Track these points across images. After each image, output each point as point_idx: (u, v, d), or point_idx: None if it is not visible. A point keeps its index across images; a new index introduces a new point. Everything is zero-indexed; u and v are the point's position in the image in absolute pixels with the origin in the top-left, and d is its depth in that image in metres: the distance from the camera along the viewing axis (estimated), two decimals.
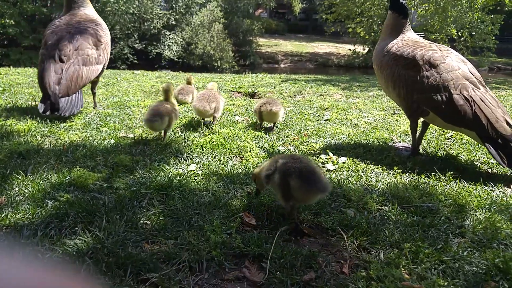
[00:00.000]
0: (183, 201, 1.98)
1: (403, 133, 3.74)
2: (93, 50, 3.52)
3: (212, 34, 22.44)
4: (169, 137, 3.11)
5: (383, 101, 5.52)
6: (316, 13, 35.33)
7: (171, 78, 7.11)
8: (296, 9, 30.03)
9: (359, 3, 23.17)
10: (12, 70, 6.69)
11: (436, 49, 2.87)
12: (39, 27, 22.77)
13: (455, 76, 2.68)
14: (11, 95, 4.48)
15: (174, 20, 22.45)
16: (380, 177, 2.53)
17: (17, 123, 3.21)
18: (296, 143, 3.18)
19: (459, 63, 2.78)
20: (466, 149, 3.24)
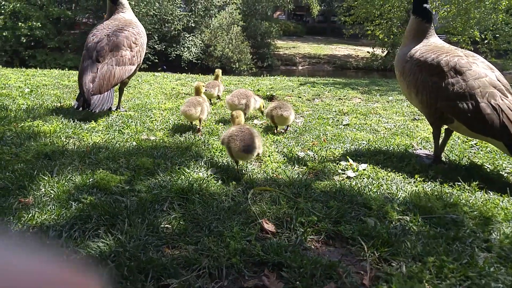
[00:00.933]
0: (203, 206, 1.99)
1: (424, 139, 3.68)
2: (127, 51, 3.71)
3: (231, 36, 22.56)
4: (189, 141, 3.14)
5: (403, 106, 5.44)
6: (334, 15, 35.13)
7: (191, 80, 7.17)
8: (314, 12, 29.88)
9: (378, 5, 22.90)
10: (38, 72, 6.88)
11: (462, 55, 2.80)
12: (63, 29, 23.39)
13: (482, 84, 2.60)
14: (37, 96, 4.61)
15: (194, 22, 22.66)
16: (401, 185, 2.50)
17: (43, 124, 3.30)
18: (315, 149, 3.16)
19: (486, 70, 2.71)
20: (491, 158, 3.16)
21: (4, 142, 2.74)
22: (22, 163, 2.37)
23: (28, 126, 3.20)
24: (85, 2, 23.96)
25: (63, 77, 6.36)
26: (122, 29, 3.77)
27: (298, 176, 2.53)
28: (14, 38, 19.98)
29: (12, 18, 20.13)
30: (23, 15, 20.19)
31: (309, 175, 2.60)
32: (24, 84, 5.40)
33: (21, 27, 19.79)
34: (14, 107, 3.90)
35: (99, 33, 3.73)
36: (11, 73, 6.48)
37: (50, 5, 21.23)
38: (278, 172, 2.56)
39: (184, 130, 3.45)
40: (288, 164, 2.75)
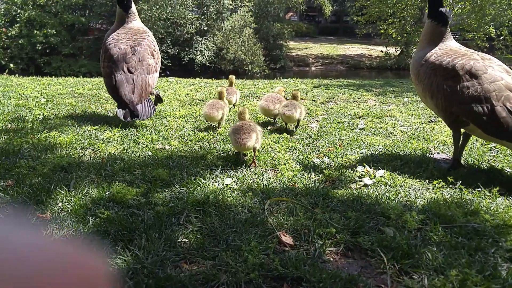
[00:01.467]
0: (220, 218, 1.98)
1: (441, 143, 3.61)
2: (151, 59, 3.85)
3: (243, 39, 22.60)
4: (204, 149, 3.14)
5: (419, 107, 5.36)
6: (346, 15, 34.91)
7: (204, 85, 7.20)
8: (327, 12, 29.70)
9: (391, 4, 22.65)
10: (54, 81, 7.00)
11: (477, 58, 2.74)
12: (77, 35, 23.80)
13: (497, 87, 2.55)
14: (53, 106, 4.69)
15: (206, 25, 22.78)
16: (420, 192, 2.45)
17: (60, 135, 3.34)
18: (331, 155, 3.13)
19: (502, 73, 2.65)
20: (510, 161, 3.08)
21: (21, 155, 2.78)
22: (40, 176, 2.40)
23: (45, 138, 3.24)
24: (98, 9, 24.35)
25: (77, 85, 6.45)
26: (142, 39, 3.88)
27: (314, 184, 2.50)
28: (29, 46, 20.42)
29: (28, 26, 20.58)
30: (38, 22, 20.62)
31: (325, 183, 2.57)
32: (40, 93, 5.49)
33: (36, 35, 20.23)
34: (30, 118, 3.97)
35: (120, 44, 3.81)
36: (27, 82, 6.60)
37: (64, 12, 21.66)
38: (294, 181, 2.54)
39: (198, 138, 3.46)
40: (304, 172, 2.72)
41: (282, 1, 26.38)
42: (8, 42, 19.92)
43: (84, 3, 24.14)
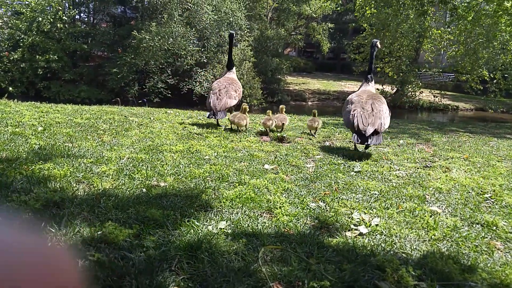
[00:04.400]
0: (213, 265, 1.94)
1: (437, 190, 3.61)
2: (233, 92, 6.24)
3: (242, 72, 22.98)
4: (199, 187, 3.12)
5: (414, 151, 5.40)
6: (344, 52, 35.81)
7: (202, 118, 7.25)
8: (325, 49, 30.53)
9: (388, 44, 23.30)
10: (52, 108, 7.00)
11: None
12: (79, 62, 24.11)
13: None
14: (50, 135, 4.67)
15: (206, 58, 23.19)
16: (416, 244, 2.42)
17: (54, 166, 3.31)
18: (327, 199, 3.11)
19: None
20: (507, 213, 3.08)
21: (14, 187, 2.74)
22: (31, 212, 2.36)
23: (39, 169, 3.21)
24: (101, 37, 24.81)
25: (76, 114, 6.45)
26: (232, 84, 6.40)
27: (310, 231, 2.47)
28: (31, 70, 20.59)
29: (30, 51, 20.83)
30: (41, 48, 20.90)
31: (321, 230, 2.55)
32: (37, 121, 5.48)
33: (38, 60, 20.45)
34: (26, 147, 3.94)
35: (220, 84, 6.34)
36: (25, 109, 6.59)
37: (67, 39, 22.01)
38: (289, 227, 2.51)
39: (194, 175, 3.44)
40: (299, 217, 2.70)
41: (281, 37, 27.08)
42: (10, 66, 20.09)
43: (87, 31, 24.64)
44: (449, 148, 5.78)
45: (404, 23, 20.14)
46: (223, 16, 22.81)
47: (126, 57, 21.47)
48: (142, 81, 22.73)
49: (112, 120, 6.09)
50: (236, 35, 24.19)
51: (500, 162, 4.96)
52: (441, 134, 7.43)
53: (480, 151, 5.62)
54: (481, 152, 5.58)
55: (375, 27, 22.26)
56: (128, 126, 5.70)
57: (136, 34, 20.96)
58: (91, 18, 27.51)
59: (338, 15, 34.86)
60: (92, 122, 5.78)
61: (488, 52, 20.78)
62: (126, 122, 6.06)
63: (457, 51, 21.15)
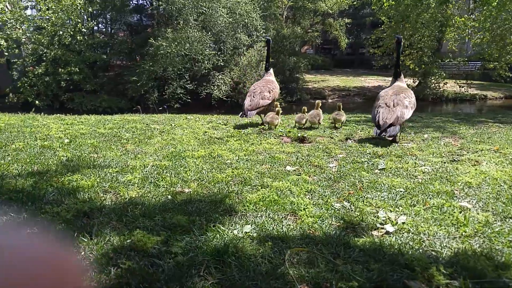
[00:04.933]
0: (240, 269, 1.96)
1: (466, 185, 3.51)
2: (267, 93, 6.66)
3: (260, 73, 22.99)
4: (222, 192, 3.15)
5: (440, 145, 5.28)
6: (362, 47, 35.35)
7: (222, 122, 7.31)
8: (343, 45, 30.22)
9: (408, 36, 22.82)
10: (76, 120, 7.22)
11: None
12: (99, 72, 24.68)
13: None
14: (76, 146, 4.82)
15: (223, 61, 23.33)
16: (445, 241, 2.37)
17: (82, 177, 3.41)
18: (352, 199, 3.08)
19: None
20: None
21: (46, 199, 2.85)
22: (64, 223, 2.44)
23: (68, 181, 3.32)
24: (118, 46, 25.32)
25: (99, 125, 6.63)
26: (268, 84, 6.94)
27: (335, 232, 2.46)
28: (54, 83, 21.22)
29: (53, 64, 21.46)
30: (63, 61, 21.50)
31: (347, 230, 2.53)
32: (63, 134, 5.66)
33: (61, 73, 21.05)
34: (55, 160, 4.08)
35: (256, 87, 6.88)
36: (52, 122, 6.82)
37: (87, 51, 22.57)
38: (314, 228, 2.51)
39: (217, 180, 3.48)
40: (324, 218, 2.69)
41: (298, 36, 26.97)
42: (35, 80, 20.78)
43: (106, 41, 25.20)
44: (478, 140, 5.61)
45: (424, 12, 19.66)
46: (238, 18, 22.90)
47: (145, 65, 21.86)
48: (161, 87, 23.09)
49: (134, 129, 6.22)
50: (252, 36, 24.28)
51: None
52: (468, 126, 7.21)
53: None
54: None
55: (394, 19, 21.85)
56: (150, 134, 5.81)
57: (153, 42, 21.31)
58: (109, 28, 28.12)
59: (355, 9, 34.46)
60: (115, 131, 5.93)
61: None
62: (148, 130, 6.18)
63: (483, 38, 20.41)
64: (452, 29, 21.97)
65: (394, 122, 5.17)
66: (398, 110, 5.24)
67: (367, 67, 33.06)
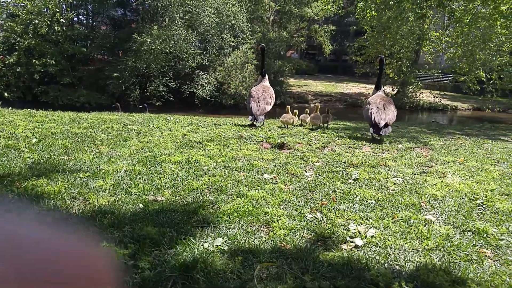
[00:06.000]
0: (208, 286, 1.96)
1: (432, 197, 3.61)
2: (268, 99, 7.38)
3: (245, 74, 23.04)
4: (197, 201, 3.14)
5: (412, 156, 5.40)
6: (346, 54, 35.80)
7: (203, 125, 7.27)
8: (327, 51, 30.56)
9: (388, 46, 23.43)
10: (48, 117, 6.95)
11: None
12: (78, 65, 24.09)
13: None
14: (45, 147, 4.65)
15: (208, 60, 23.24)
16: (409, 255, 2.44)
17: (48, 182, 3.31)
18: (325, 210, 3.12)
19: None
20: (497, 219, 3.09)
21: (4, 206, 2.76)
22: None
23: (32, 186, 3.19)
24: (100, 40, 24.84)
25: (73, 123, 6.44)
26: (267, 91, 7.53)
27: (306, 245, 2.49)
28: (27, 74, 20.37)
29: (27, 55, 20.62)
30: (38, 51, 20.66)
31: (317, 243, 2.56)
32: (32, 133, 5.43)
33: (35, 64, 20.20)
34: (19, 162, 3.90)
35: (258, 92, 7.43)
36: (19, 119, 6.55)
37: (65, 42, 21.88)
38: (286, 241, 2.53)
39: (192, 188, 3.46)
40: (296, 230, 2.71)
41: (283, 40, 27.10)
42: (5, 70, 19.89)
43: (86, 34, 24.66)
44: (446, 152, 5.78)
45: (404, 25, 20.20)
46: (225, 19, 22.86)
47: (127, 61, 21.53)
48: (143, 84, 22.79)
49: (110, 129, 6.12)
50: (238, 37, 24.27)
51: (493, 166, 4.96)
52: (438, 137, 7.44)
53: (475, 155, 5.63)
54: (476, 155, 5.58)
55: (376, 29, 22.33)
56: (126, 136, 5.73)
57: (137, 37, 21.03)
58: (90, 20, 27.52)
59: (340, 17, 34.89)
60: (89, 131, 5.80)
61: (484, 53, 21.02)
62: (125, 131, 6.09)
63: (455, 53, 21.36)
64: (428, 42, 22.80)
65: (388, 123, 6.20)
66: (389, 113, 6.29)
67: (349, 74, 33.53)
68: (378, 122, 6.12)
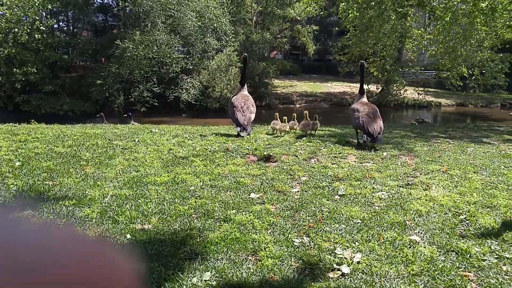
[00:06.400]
0: None
1: (417, 213, 3.68)
2: (251, 108, 7.49)
3: (229, 77, 23.01)
4: (184, 228, 3.14)
5: (397, 165, 5.49)
6: (329, 53, 36.08)
7: (188, 137, 7.26)
8: (310, 51, 30.74)
9: (371, 44, 23.72)
10: (31, 135, 6.81)
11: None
12: (60, 73, 23.72)
13: None
14: (29, 171, 4.57)
15: (191, 64, 23.14)
16: (395, 282, 2.49)
17: (33, 214, 3.28)
18: (311, 234, 3.16)
19: None
20: (480, 236, 3.17)
21: None
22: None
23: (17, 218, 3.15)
24: (82, 47, 24.52)
25: (57, 141, 6.33)
26: (248, 100, 7.63)
27: (294, 275, 2.52)
28: (8, 84, 20.03)
29: (7, 64, 20.27)
30: (18, 60, 20.35)
31: (305, 271, 2.60)
32: (15, 155, 5.32)
33: (16, 73, 19.84)
34: (3, 190, 3.83)
35: (240, 101, 7.46)
36: (2, 138, 6.38)
37: (46, 50, 21.55)
38: (274, 272, 2.55)
39: (179, 213, 3.46)
40: (284, 258, 2.74)
41: (267, 41, 27.16)
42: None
43: (67, 41, 24.31)
44: (430, 159, 5.88)
45: (386, 24, 20.49)
46: (207, 22, 22.79)
47: (110, 67, 21.31)
48: (127, 90, 22.59)
49: (95, 146, 6.06)
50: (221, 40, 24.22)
51: (476, 174, 5.07)
52: (423, 141, 7.55)
53: (458, 162, 5.73)
54: (459, 162, 5.68)
55: (359, 28, 22.57)
56: (112, 153, 5.68)
57: (120, 43, 20.82)
58: (71, 27, 27.14)
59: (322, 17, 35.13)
60: (74, 150, 5.73)
61: (466, 50, 21.49)
62: (110, 148, 6.04)
63: (437, 50, 21.75)
64: (410, 40, 23.19)
65: (380, 131, 6.59)
66: (379, 122, 6.67)
67: (334, 73, 33.83)
68: (372, 132, 6.44)
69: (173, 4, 21.56)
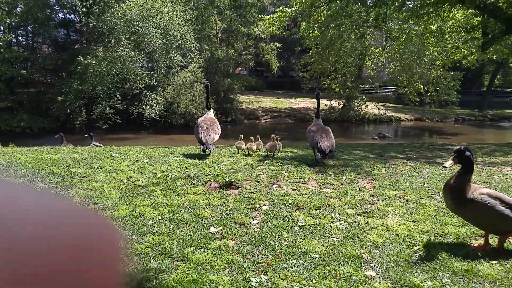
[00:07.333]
0: None
1: (373, 245, 3.79)
2: (216, 129, 8.08)
3: (194, 93, 22.95)
4: (141, 270, 3.08)
5: (356, 190, 5.63)
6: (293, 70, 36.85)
7: (149, 161, 7.15)
8: (274, 68, 31.29)
9: (333, 62, 24.51)
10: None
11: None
12: (17, 88, 22.81)
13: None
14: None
15: (156, 80, 22.92)
16: None
17: None
18: (269, 272, 3.19)
19: None
20: (432, 269, 3.31)
21: None
22: None
23: None
24: (42, 62, 23.74)
25: (9, 171, 6.05)
26: (214, 123, 8.20)
27: None
28: None
29: None
30: None
31: None
32: None
33: None
34: None
35: (206, 123, 8.06)
36: None
37: (3, 65, 20.74)
38: None
39: (136, 253, 3.39)
40: None
41: (232, 58, 27.39)
42: None
43: (26, 56, 23.49)
44: (388, 183, 6.07)
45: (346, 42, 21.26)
46: (172, 39, 22.73)
47: (72, 83, 20.75)
48: (89, 107, 22.02)
49: (51, 175, 5.85)
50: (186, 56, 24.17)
51: (429, 199, 5.28)
52: (381, 163, 7.78)
53: (414, 185, 5.95)
54: (414, 186, 5.90)
55: (320, 46, 23.27)
56: (69, 182, 5.51)
57: (82, 59, 20.34)
58: (30, 41, 26.25)
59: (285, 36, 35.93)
60: (28, 180, 5.51)
61: (421, 67, 22.69)
62: (67, 176, 5.85)
63: (395, 67, 22.81)
64: (369, 58, 24.12)
65: (332, 149, 7.34)
66: (331, 141, 7.46)
67: (297, 89, 34.53)
68: (324, 149, 7.24)
69: (138, 21, 21.38)
